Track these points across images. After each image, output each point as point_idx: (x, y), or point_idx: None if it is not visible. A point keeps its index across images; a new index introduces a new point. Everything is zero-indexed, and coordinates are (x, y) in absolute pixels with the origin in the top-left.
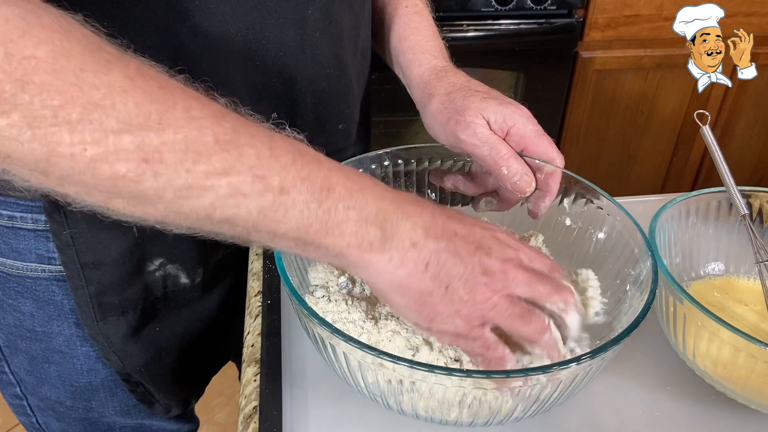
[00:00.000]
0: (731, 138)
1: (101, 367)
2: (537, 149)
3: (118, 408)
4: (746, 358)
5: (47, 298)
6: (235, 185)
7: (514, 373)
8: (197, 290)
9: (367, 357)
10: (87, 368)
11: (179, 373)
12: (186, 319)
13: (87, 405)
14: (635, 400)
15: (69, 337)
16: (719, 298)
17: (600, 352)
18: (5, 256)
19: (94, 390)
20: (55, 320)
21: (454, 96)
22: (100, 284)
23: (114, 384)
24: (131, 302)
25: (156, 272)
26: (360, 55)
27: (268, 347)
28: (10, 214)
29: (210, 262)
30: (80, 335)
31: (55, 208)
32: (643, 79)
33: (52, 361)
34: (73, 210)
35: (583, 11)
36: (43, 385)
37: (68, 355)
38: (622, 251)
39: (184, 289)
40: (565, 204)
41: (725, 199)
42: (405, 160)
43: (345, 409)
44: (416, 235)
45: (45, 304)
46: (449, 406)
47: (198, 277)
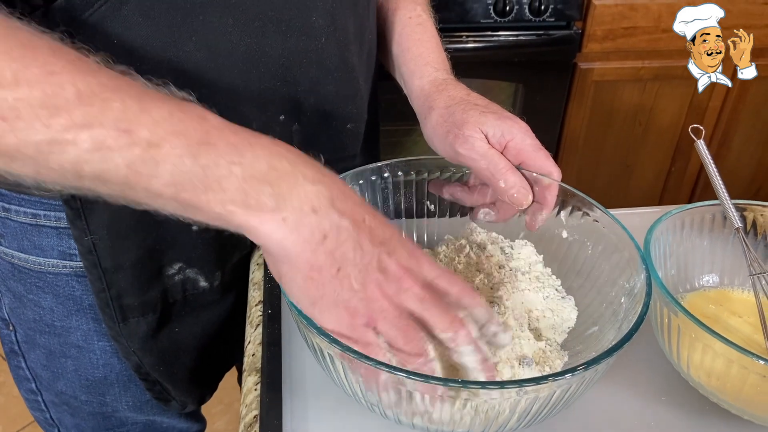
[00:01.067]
0: (728, 149)
1: (116, 362)
2: (534, 163)
3: (131, 403)
4: (739, 370)
5: (67, 293)
6: (99, 138)
7: (509, 385)
8: (216, 293)
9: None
10: (103, 362)
11: (196, 372)
12: (204, 320)
13: (101, 399)
14: (631, 410)
15: (87, 332)
16: (714, 310)
17: (593, 364)
18: (28, 252)
19: (108, 384)
20: (74, 315)
21: (454, 109)
22: (120, 287)
23: (128, 379)
24: (151, 304)
25: (175, 276)
26: (366, 56)
27: (269, 357)
28: (34, 212)
29: (227, 265)
30: (98, 330)
31: (77, 215)
32: (641, 91)
33: (69, 356)
34: (95, 217)
35: (581, 23)
36: (59, 379)
37: (85, 350)
38: (617, 264)
39: (203, 292)
40: (561, 217)
41: (719, 212)
42: (405, 172)
43: (345, 419)
44: (319, 202)
45: (65, 299)
46: (446, 417)
47: (216, 280)
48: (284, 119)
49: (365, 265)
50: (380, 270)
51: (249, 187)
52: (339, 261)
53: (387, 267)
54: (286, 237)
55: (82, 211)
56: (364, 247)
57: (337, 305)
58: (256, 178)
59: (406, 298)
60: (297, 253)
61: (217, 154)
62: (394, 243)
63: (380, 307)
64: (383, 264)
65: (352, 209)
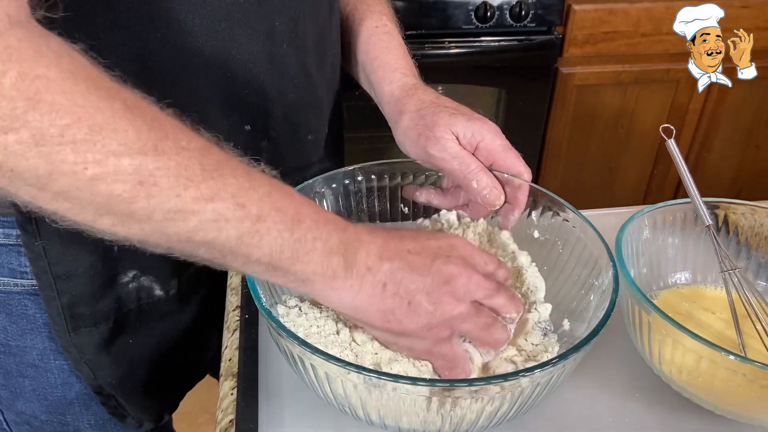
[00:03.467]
0: (710, 151)
1: (75, 381)
2: (505, 163)
3: (93, 421)
4: (709, 365)
5: (20, 312)
6: (219, 211)
7: (477, 382)
8: (172, 303)
9: (332, 368)
10: (61, 382)
11: (152, 387)
12: (160, 331)
13: (62, 419)
14: (605, 407)
15: (43, 351)
16: (687, 307)
17: (562, 359)
18: None
19: (68, 403)
20: (29, 334)
21: (424, 112)
22: (72, 295)
23: (88, 397)
24: (104, 314)
25: (129, 284)
26: (329, 68)
27: (245, 361)
28: None
29: (184, 275)
30: (54, 349)
31: (27, 219)
32: (622, 94)
33: (26, 375)
34: (46, 222)
35: (562, 28)
36: (18, 399)
37: (42, 369)
38: (587, 262)
39: (158, 302)
40: (533, 217)
41: (691, 210)
42: (378, 175)
43: (320, 422)
44: (370, 261)
45: (18, 318)
46: (416, 416)
47: (173, 289)
48: (250, 131)
49: (430, 286)
50: (445, 282)
51: (327, 260)
52: (406, 296)
53: (450, 275)
54: (354, 299)
55: (32, 215)
56: (421, 272)
57: (420, 330)
58: (332, 252)
59: (476, 292)
60: (366, 307)
61: (306, 230)
62: (445, 248)
63: (458, 314)
64: (444, 275)
65: (395, 250)
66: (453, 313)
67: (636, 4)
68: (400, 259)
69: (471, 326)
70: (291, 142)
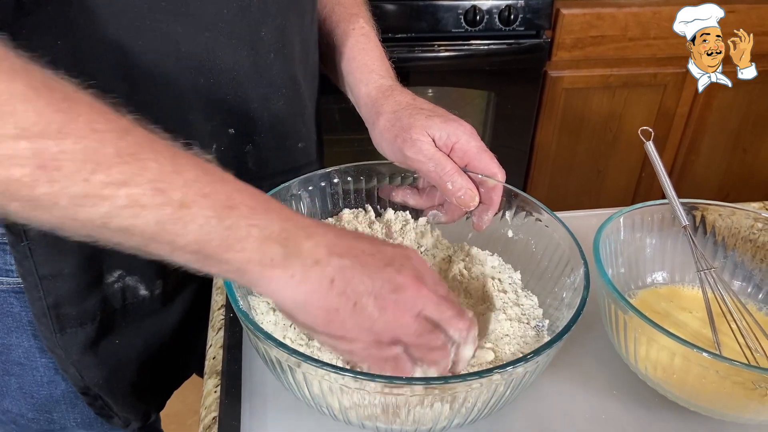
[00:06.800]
0: (697, 155)
1: (61, 379)
2: (479, 164)
3: (80, 420)
4: (682, 362)
5: (5, 310)
6: (134, 197)
7: (453, 379)
8: (157, 302)
9: (304, 365)
10: (47, 380)
11: (139, 386)
12: (146, 331)
13: (48, 417)
14: (583, 404)
15: (28, 349)
16: (665, 306)
17: (534, 356)
18: None
19: (54, 402)
20: (14, 332)
21: (401, 114)
22: (57, 296)
23: (74, 396)
24: (89, 314)
25: (115, 284)
26: (310, 76)
27: (229, 359)
28: None
29: (170, 274)
30: (39, 347)
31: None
32: (611, 98)
33: (12, 373)
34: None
35: (550, 32)
36: (5, 397)
37: (28, 367)
38: (560, 261)
39: (143, 301)
40: (507, 217)
41: (668, 211)
42: (354, 177)
43: (302, 420)
44: (319, 253)
45: (3, 316)
46: (391, 414)
47: (157, 289)
48: (235, 134)
49: (378, 291)
50: (393, 290)
51: (264, 247)
52: (353, 297)
53: (400, 284)
54: (294, 292)
55: None
56: (372, 275)
57: (362, 334)
58: (270, 239)
59: (424, 306)
60: (309, 302)
61: (238, 217)
62: (400, 259)
63: (402, 324)
64: (395, 283)
65: (349, 247)
66: (397, 322)
67: (624, 9)
68: (353, 257)
69: (413, 340)
70: (278, 148)
